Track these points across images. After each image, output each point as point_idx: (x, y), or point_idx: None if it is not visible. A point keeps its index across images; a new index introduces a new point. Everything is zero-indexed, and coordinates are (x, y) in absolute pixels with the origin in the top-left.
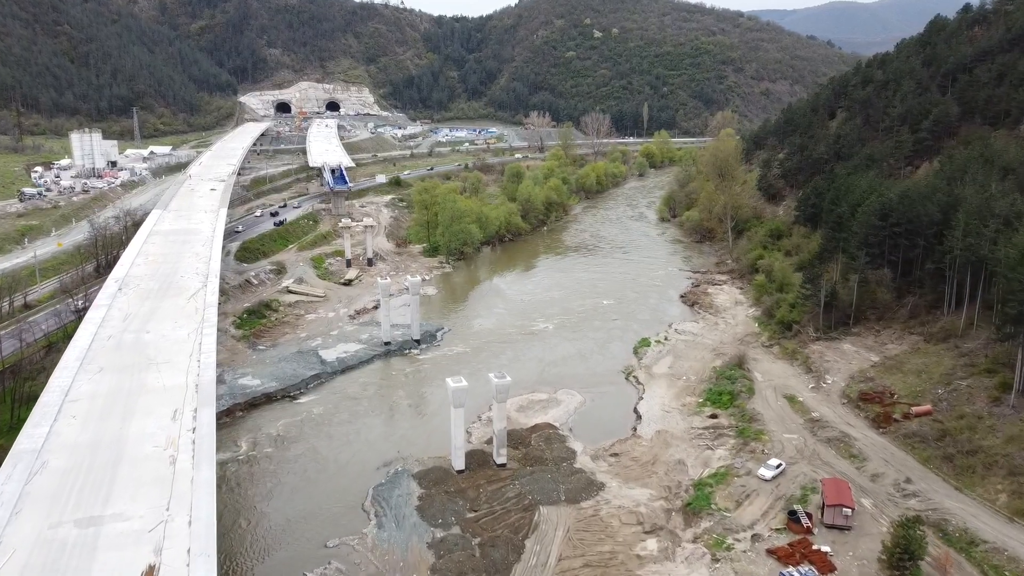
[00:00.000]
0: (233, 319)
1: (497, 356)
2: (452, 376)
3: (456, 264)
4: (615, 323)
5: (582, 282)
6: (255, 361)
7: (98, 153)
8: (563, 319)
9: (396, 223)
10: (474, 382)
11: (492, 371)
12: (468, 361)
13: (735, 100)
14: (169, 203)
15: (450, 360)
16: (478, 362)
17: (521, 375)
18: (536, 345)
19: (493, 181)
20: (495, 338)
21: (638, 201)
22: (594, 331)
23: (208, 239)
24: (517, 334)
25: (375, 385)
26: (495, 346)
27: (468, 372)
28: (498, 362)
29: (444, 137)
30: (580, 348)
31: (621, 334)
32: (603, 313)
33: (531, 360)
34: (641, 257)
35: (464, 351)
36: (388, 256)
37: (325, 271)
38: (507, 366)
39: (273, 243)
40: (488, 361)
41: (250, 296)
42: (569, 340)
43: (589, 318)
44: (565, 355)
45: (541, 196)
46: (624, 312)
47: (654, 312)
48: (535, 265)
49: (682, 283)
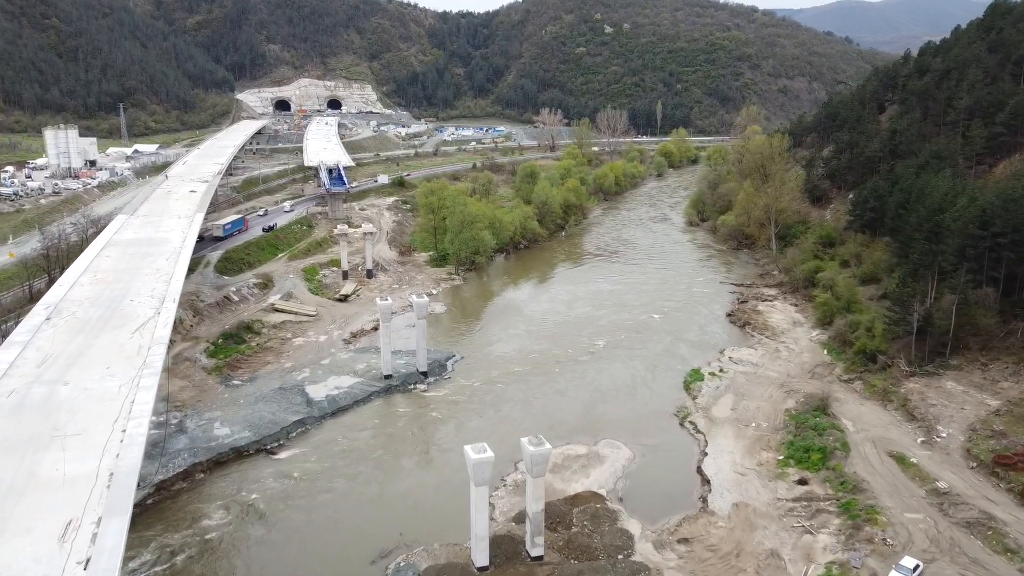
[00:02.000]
0: (206, 346)
1: (520, 393)
2: (472, 444)
3: (467, 275)
4: (656, 348)
5: (610, 296)
6: (227, 401)
7: (74, 151)
8: (594, 342)
9: (399, 228)
10: (495, 428)
11: (514, 410)
12: (485, 399)
13: (752, 97)
14: (139, 207)
15: (463, 398)
16: (498, 401)
17: (552, 418)
18: (565, 377)
19: (503, 182)
20: (516, 368)
21: (660, 203)
22: (632, 359)
23: (175, 251)
24: (541, 363)
25: (373, 433)
26: (516, 379)
27: (487, 416)
28: (521, 401)
29: (450, 136)
30: (619, 381)
31: (666, 363)
32: (640, 336)
33: (561, 398)
34: (673, 266)
35: (480, 385)
36: (390, 266)
37: (318, 284)
38: (533, 407)
39: (260, 252)
40: (510, 399)
41: (229, 316)
42: (604, 371)
43: (624, 342)
44: (601, 391)
45: (559, 198)
46: (664, 334)
47: (700, 334)
48: (555, 276)
49: (725, 298)
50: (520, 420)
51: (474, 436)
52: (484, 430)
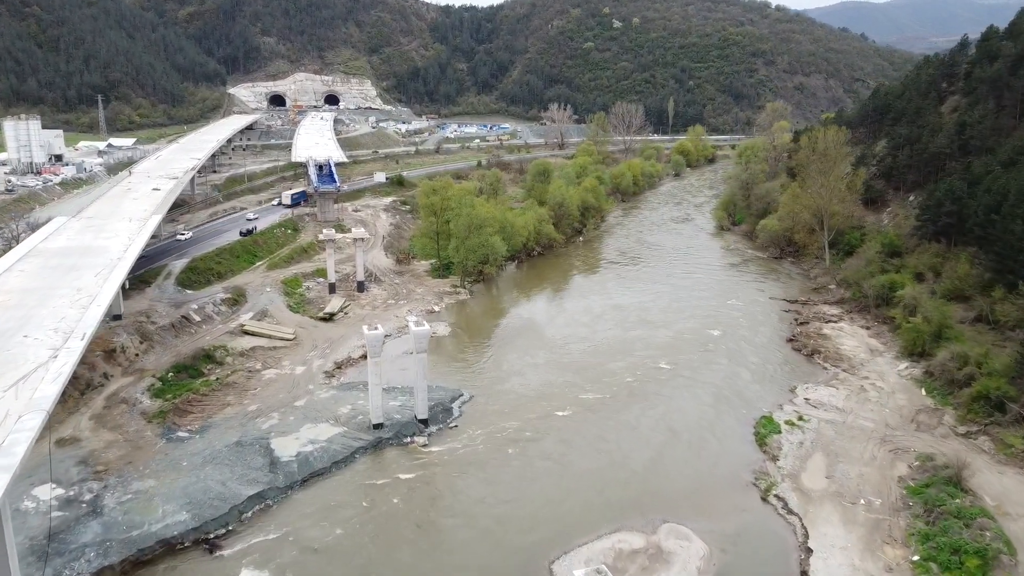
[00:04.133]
0: (151, 382)
1: (548, 448)
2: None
3: (474, 288)
4: (710, 386)
5: (640, 313)
6: (165, 464)
7: (36, 144)
8: (631, 377)
9: (397, 232)
10: (523, 505)
11: (544, 477)
12: (504, 459)
13: (767, 95)
14: (86, 207)
15: (475, 456)
16: (521, 461)
17: (594, 488)
18: (603, 425)
19: (511, 181)
20: (539, 412)
21: (684, 203)
22: (683, 399)
23: (110, 264)
24: (570, 404)
25: (355, 514)
26: (541, 428)
27: (509, 485)
28: (551, 461)
29: (452, 133)
30: (671, 432)
31: (726, 405)
32: (686, 368)
33: (602, 457)
34: (707, 278)
35: (495, 437)
36: (386, 276)
37: (300, 299)
38: (568, 472)
39: (235, 260)
40: (536, 458)
41: (186, 341)
42: (651, 417)
43: (668, 376)
44: (652, 446)
45: (576, 199)
46: (716, 365)
47: (760, 366)
48: (575, 288)
49: (779, 317)
50: (554, 492)
51: (496, 521)
52: (508, 510)
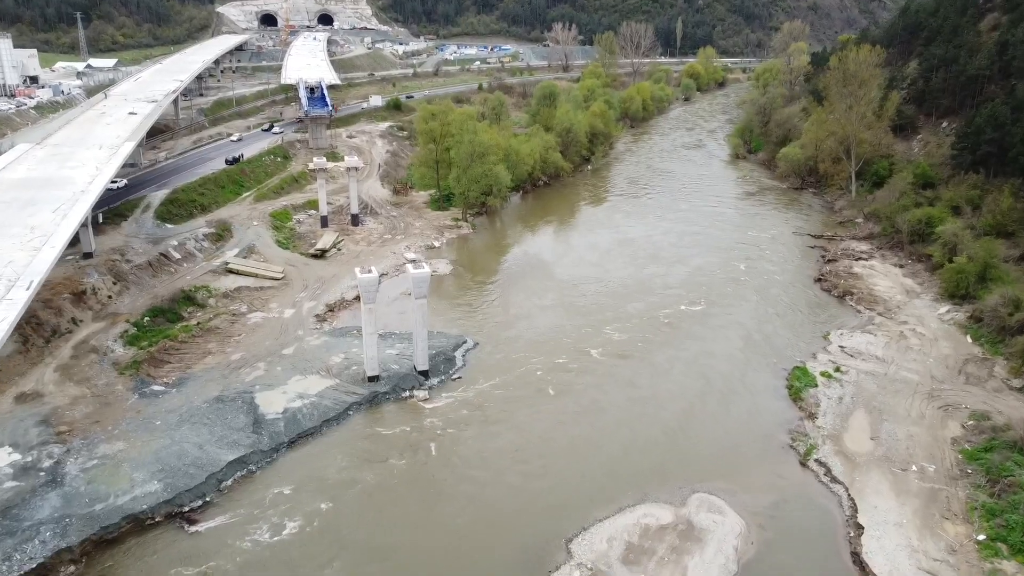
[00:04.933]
0: (124, 328)
1: (561, 403)
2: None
3: (476, 221)
4: (735, 329)
5: (654, 247)
6: (136, 423)
7: (8, 65)
8: (648, 318)
9: (394, 160)
10: (537, 469)
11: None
12: (513, 414)
13: (779, 15)
14: (53, 134)
15: (482, 412)
16: (532, 417)
17: (614, 451)
18: (620, 377)
19: (513, 105)
20: (550, 362)
21: (696, 129)
22: (706, 346)
23: (72, 198)
24: (583, 351)
25: (348, 483)
26: (553, 378)
27: (519, 445)
28: (565, 417)
29: (452, 55)
30: (697, 383)
31: (754, 353)
32: (708, 310)
33: (621, 414)
34: (725, 210)
35: (503, 390)
36: (382, 209)
37: (290, 234)
38: (583, 430)
39: (219, 191)
40: (549, 414)
41: (164, 281)
42: (673, 368)
43: (688, 320)
44: (676, 399)
45: (584, 125)
46: (740, 307)
47: (788, 309)
48: (584, 220)
49: (804, 254)
50: (570, 455)
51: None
52: (519, 478)
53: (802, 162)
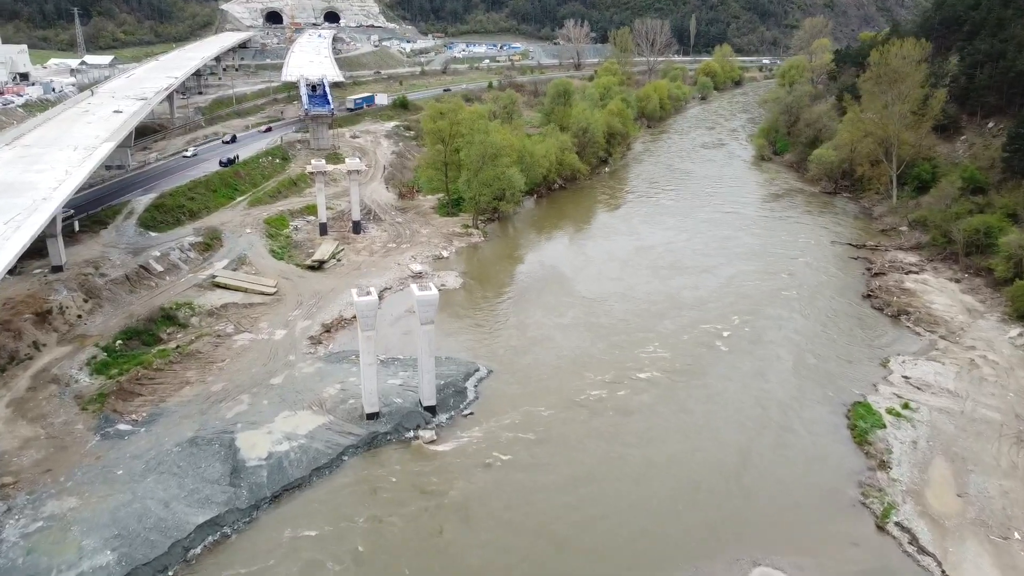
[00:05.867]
0: (93, 353)
1: (589, 448)
2: None
3: (487, 228)
4: (779, 352)
5: (678, 257)
6: (94, 473)
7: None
8: (684, 339)
9: (400, 161)
10: (567, 536)
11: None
12: (534, 461)
13: (794, 12)
14: (26, 133)
15: (497, 458)
16: (555, 464)
17: (654, 509)
18: (658, 415)
19: (524, 104)
20: (575, 394)
21: (717, 129)
22: (750, 373)
23: (32, 206)
24: (612, 381)
25: (340, 550)
26: (578, 416)
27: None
28: (596, 466)
29: (460, 53)
30: (744, 422)
31: (805, 382)
32: (746, 330)
33: (662, 463)
34: (752, 216)
35: (520, 431)
36: (386, 214)
37: (286, 243)
38: (618, 482)
39: (211, 195)
40: (575, 462)
41: (143, 297)
42: (716, 401)
43: (725, 343)
44: (723, 443)
45: (602, 124)
46: (781, 327)
47: (837, 331)
48: (601, 227)
49: (845, 264)
50: (602, 516)
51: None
52: (545, 544)
53: (836, 164)
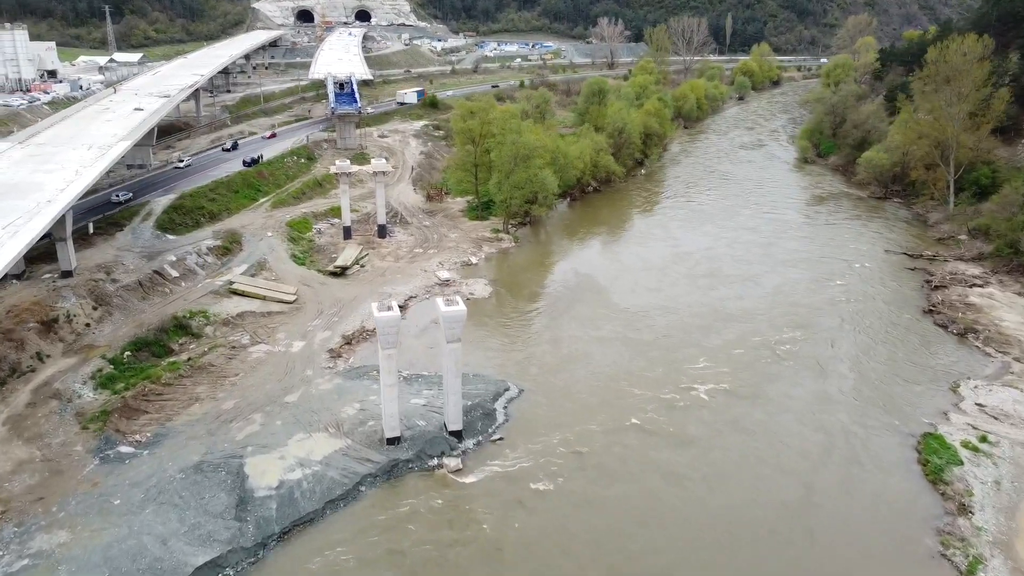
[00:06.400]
0: (99, 365)
1: (634, 480)
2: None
3: (519, 233)
4: (836, 371)
5: (717, 264)
6: (90, 503)
7: (24, 58)
8: (735, 356)
9: (428, 162)
10: (600, 556)
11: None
12: (569, 498)
13: (834, 11)
14: (43, 131)
15: (529, 492)
16: (592, 502)
17: (708, 555)
18: (705, 440)
19: (556, 104)
20: (616, 418)
21: (757, 129)
22: (807, 391)
23: (34, 209)
24: (662, 403)
25: None
26: (619, 442)
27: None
28: (641, 503)
29: (491, 51)
30: (806, 453)
31: (872, 408)
32: (798, 346)
33: (715, 500)
34: (797, 220)
35: (556, 459)
36: (414, 217)
37: (308, 247)
38: (668, 525)
39: (232, 196)
40: (618, 499)
41: (156, 304)
42: (771, 427)
43: (775, 361)
44: (781, 480)
45: (638, 124)
46: (838, 340)
47: (897, 350)
48: (637, 232)
49: (901, 276)
50: (650, 561)
51: None
52: None
53: (887, 168)
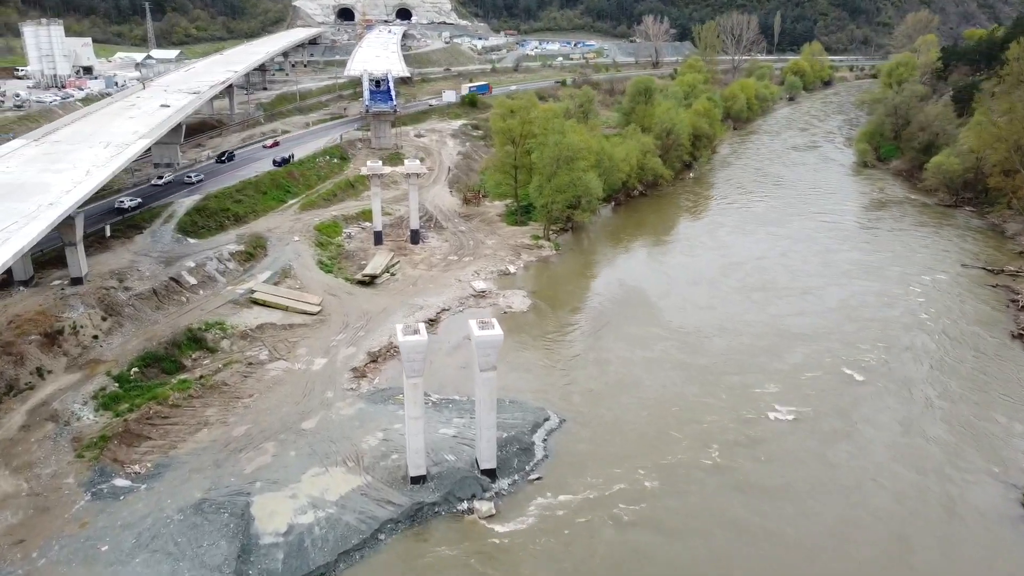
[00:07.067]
0: (102, 384)
1: (699, 536)
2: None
3: (560, 240)
4: (927, 395)
5: (771, 276)
6: (74, 547)
7: (59, 54)
8: (799, 381)
9: (466, 163)
10: None
11: None
12: (621, 556)
13: (887, 9)
14: (61, 127)
15: (573, 547)
16: (659, 564)
17: None
18: (783, 488)
19: (600, 103)
20: (675, 456)
21: (810, 131)
22: (893, 420)
23: (32, 212)
24: (724, 436)
25: None
26: (688, 489)
27: None
28: (705, 557)
29: (533, 50)
30: (894, 486)
31: (967, 448)
32: (877, 374)
33: (797, 561)
34: (856, 227)
35: (609, 514)
36: (449, 221)
37: (336, 253)
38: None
39: (260, 197)
40: (678, 556)
41: (171, 314)
42: (862, 457)
43: (852, 382)
44: (876, 522)
45: (687, 125)
46: (910, 371)
47: (990, 380)
48: (688, 241)
49: (979, 292)
50: None
51: None
52: None
53: (958, 174)
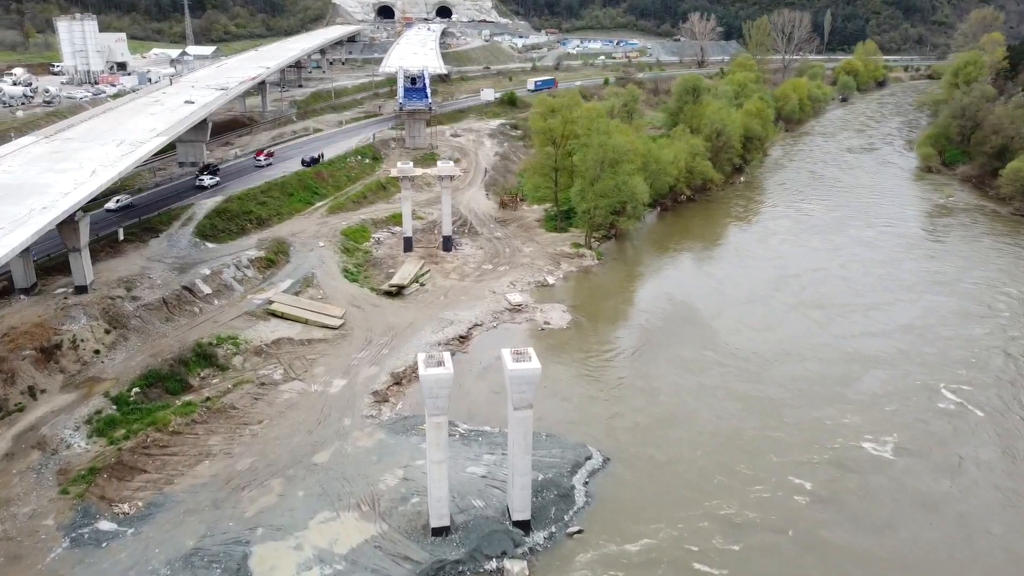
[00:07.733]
0: (97, 406)
1: None
2: None
3: (603, 248)
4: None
5: (830, 290)
6: None
7: (93, 50)
8: (882, 412)
9: (503, 164)
10: None
11: None
12: None
13: (943, 8)
14: (75, 124)
15: None
16: None
17: None
18: (884, 543)
19: (644, 103)
20: (741, 505)
21: (867, 132)
22: (996, 457)
23: (23, 217)
24: (799, 479)
25: None
26: (762, 547)
27: None
28: None
29: (574, 49)
30: (1005, 538)
31: None
32: (976, 390)
33: None
34: (921, 236)
35: (657, 569)
36: (484, 226)
37: (363, 260)
38: None
39: (285, 199)
40: None
41: (182, 327)
42: (967, 501)
43: (942, 413)
44: None
45: (738, 126)
46: (1018, 389)
47: None
48: (740, 251)
49: None
50: None
51: None
52: None
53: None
